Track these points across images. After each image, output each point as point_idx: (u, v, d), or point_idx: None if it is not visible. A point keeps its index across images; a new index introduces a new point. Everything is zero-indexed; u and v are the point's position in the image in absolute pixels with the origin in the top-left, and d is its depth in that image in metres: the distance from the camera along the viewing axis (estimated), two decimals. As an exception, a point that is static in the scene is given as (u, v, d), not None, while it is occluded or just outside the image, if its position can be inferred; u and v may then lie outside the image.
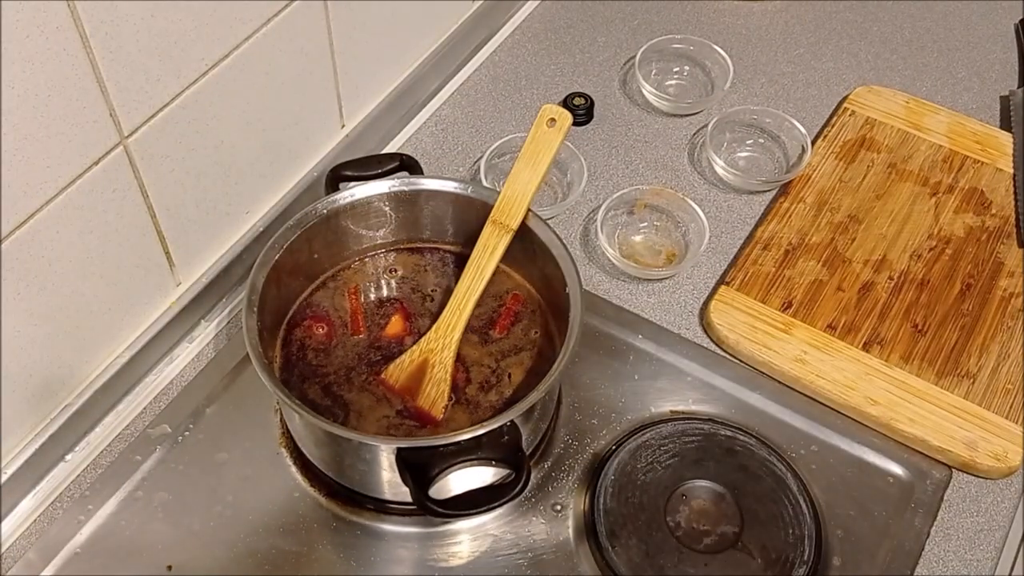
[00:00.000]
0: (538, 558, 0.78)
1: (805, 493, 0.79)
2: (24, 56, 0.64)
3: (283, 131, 0.91)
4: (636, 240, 0.98)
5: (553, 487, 0.81)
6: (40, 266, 0.73)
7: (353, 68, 0.97)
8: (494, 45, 1.17)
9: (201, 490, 0.81)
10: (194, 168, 0.83)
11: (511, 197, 0.81)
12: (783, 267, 0.94)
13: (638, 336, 0.90)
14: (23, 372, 0.76)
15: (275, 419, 0.84)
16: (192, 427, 0.84)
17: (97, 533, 0.78)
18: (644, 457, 0.81)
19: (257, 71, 0.84)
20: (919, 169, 1.03)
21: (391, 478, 0.72)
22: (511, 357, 0.83)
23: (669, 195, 0.98)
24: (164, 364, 0.88)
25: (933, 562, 0.79)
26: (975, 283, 0.93)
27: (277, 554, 0.78)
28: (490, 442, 0.70)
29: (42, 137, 0.68)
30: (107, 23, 0.68)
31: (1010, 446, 0.82)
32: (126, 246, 0.80)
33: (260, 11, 0.82)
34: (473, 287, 0.81)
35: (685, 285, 0.95)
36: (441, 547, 0.79)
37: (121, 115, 0.73)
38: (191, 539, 0.78)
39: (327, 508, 0.80)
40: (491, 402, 0.80)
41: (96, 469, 0.82)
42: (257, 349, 0.74)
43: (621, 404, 0.86)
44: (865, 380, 0.86)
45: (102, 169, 0.74)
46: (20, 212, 0.69)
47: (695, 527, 0.77)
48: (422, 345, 0.81)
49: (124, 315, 0.83)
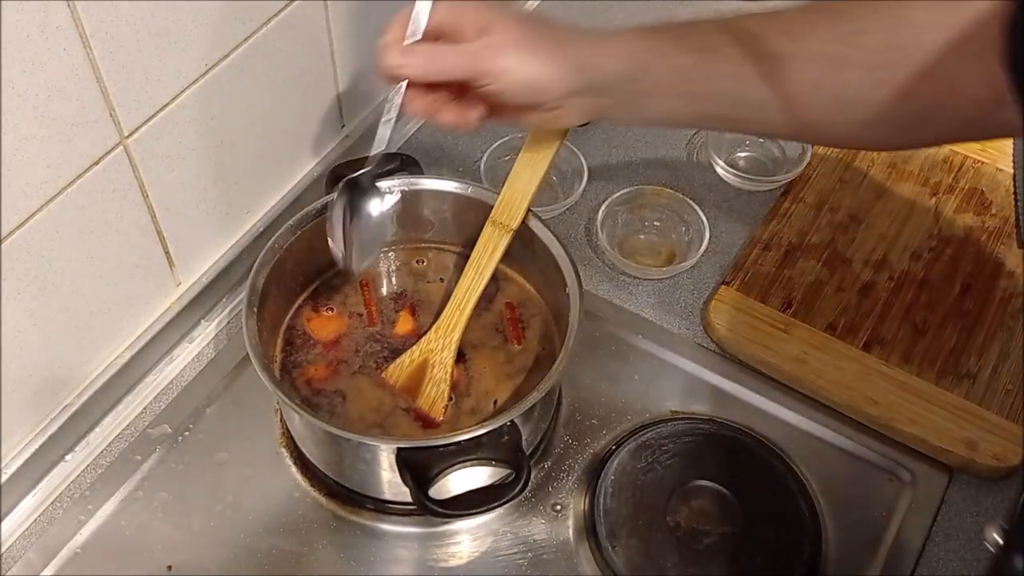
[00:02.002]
0: (538, 558, 0.78)
1: (805, 493, 0.79)
2: (24, 56, 0.64)
3: (283, 131, 0.91)
4: (636, 240, 0.98)
5: (553, 487, 0.81)
6: (40, 266, 0.73)
7: (353, 68, 0.96)
8: (494, 45, 1.17)
9: (201, 490, 0.81)
10: (194, 168, 0.83)
11: (511, 197, 0.81)
12: (783, 267, 0.94)
13: (638, 336, 0.90)
14: (23, 372, 0.76)
15: (275, 419, 0.84)
16: (192, 427, 0.84)
17: (97, 533, 0.78)
18: (644, 457, 0.81)
19: (257, 71, 0.84)
20: (919, 169, 1.03)
21: (391, 478, 0.72)
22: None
23: (669, 195, 0.98)
24: (164, 364, 0.88)
25: (933, 562, 0.79)
26: (975, 283, 0.93)
27: (277, 554, 0.78)
28: (490, 442, 0.70)
29: (42, 137, 0.68)
30: (107, 23, 0.68)
31: (1010, 446, 0.82)
32: (126, 246, 0.80)
33: (260, 11, 0.82)
34: (473, 287, 0.81)
35: (685, 285, 0.95)
36: (441, 547, 0.79)
37: (121, 115, 0.73)
38: (191, 539, 0.78)
39: (327, 508, 0.80)
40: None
41: (96, 469, 0.82)
42: (257, 349, 0.75)
43: (621, 404, 0.86)
44: (865, 380, 0.86)
45: (102, 169, 0.74)
46: (20, 212, 0.69)
47: (695, 527, 0.77)
48: (422, 345, 0.81)
49: (124, 315, 0.83)
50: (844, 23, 0.65)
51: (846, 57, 0.65)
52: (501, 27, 0.68)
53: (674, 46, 0.69)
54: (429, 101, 0.71)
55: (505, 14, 0.69)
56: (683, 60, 0.69)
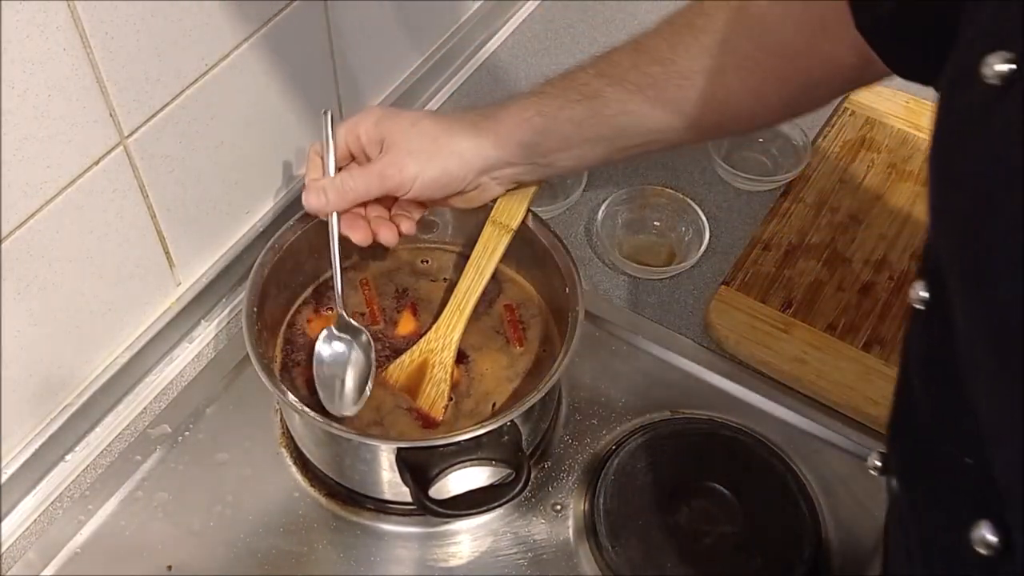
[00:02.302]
0: (538, 558, 0.78)
1: (805, 493, 0.79)
2: (24, 56, 0.64)
3: (283, 131, 0.91)
4: (636, 240, 0.98)
5: (553, 487, 0.81)
6: (40, 266, 0.73)
7: (353, 68, 0.97)
8: (494, 45, 1.17)
9: (201, 490, 0.81)
10: (194, 168, 0.83)
11: (511, 197, 0.81)
12: (783, 267, 0.94)
13: (638, 336, 0.90)
14: (23, 372, 0.76)
15: (275, 419, 0.84)
16: (192, 427, 0.84)
17: (97, 533, 0.78)
18: (644, 457, 0.81)
19: (257, 71, 0.84)
20: (919, 169, 1.03)
21: (391, 478, 0.72)
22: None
23: (669, 195, 0.98)
24: (164, 364, 0.88)
25: (933, 562, 0.78)
26: (975, 283, 0.93)
27: (277, 554, 0.78)
28: (490, 442, 0.70)
29: (42, 137, 0.68)
30: (107, 23, 0.68)
31: (1010, 446, 0.82)
32: (126, 246, 0.80)
33: (260, 11, 0.82)
34: (473, 287, 0.81)
35: (685, 285, 0.95)
36: (441, 547, 0.79)
37: (121, 115, 0.73)
38: (191, 539, 0.78)
39: (327, 508, 0.80)
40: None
41: (96, 469, 0.82)
42: (257, 349, 0.75)
43: (621, 404, 0.86)
44: (865, 380, 0.86)
45: (102, 169, 0.74)
46: (20, 212, 0.69)
47: (695, 527, 0.77)
48: (422, 345, 0.81)
49: (124, 315, 0.83)
50: (706, 36, 0.70)
51: (719, 67, 0.70)
52: (397, 139, 0.74)
53: (562, 102, 0.73)
54: (364, 225, 0.77)
55: (397, 122, 0.75)
56: (574, 113, 0.73)
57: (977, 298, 0.42)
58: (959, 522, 0.46)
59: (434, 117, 0.76)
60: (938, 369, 0.50)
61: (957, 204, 0.44)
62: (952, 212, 0.45)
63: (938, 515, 0.50)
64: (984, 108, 0.42)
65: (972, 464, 0.46)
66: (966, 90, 0.43)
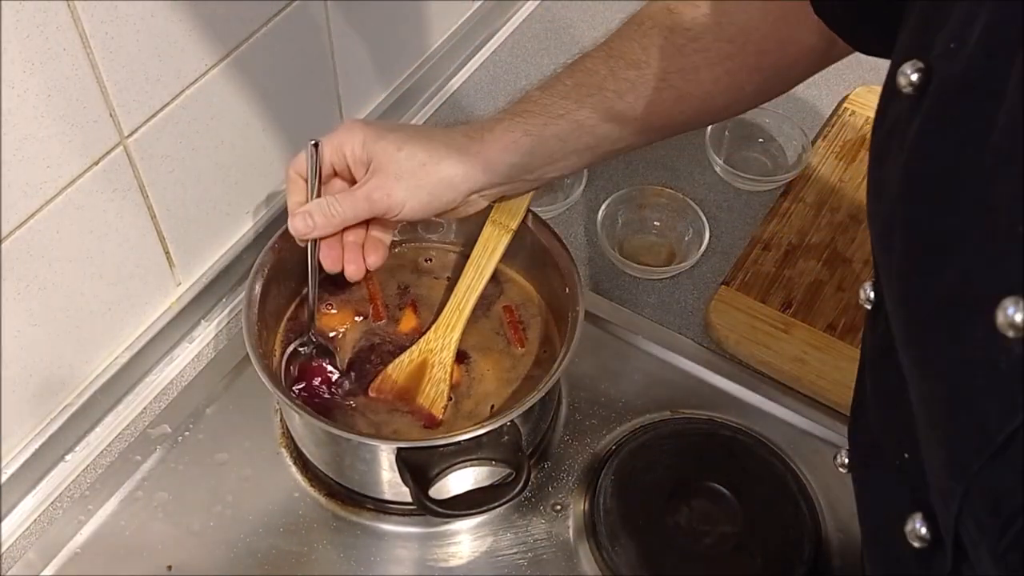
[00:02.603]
0: (538, 558, 0.78)
1: (805, 493, 0.79)
2: (24, 56, 0.64)
3: (283, 131, 0.91)
4: (636, 240, 0.98)
5: (553, 487, 0.81)
6: (40, 266, 0.73)
7: (353, 68, 0.97)
8: (494, 45, 1.17)
9: (201, 490, 0.81)
10: (194, 168, 0.83)
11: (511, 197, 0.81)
12: (783, 267, 0.94)
13: (638, 336, 0.90)
14: (23, 372, 0.76)
15: (275, 419, 0.84)
16: (192, 427, 0.84)
17: (97, 533, 0.78)
18: (644, 457, 0.81)
19: (257, 71, 0.84)
20: (919, 169, 1.03)
21: (391, 478, 0.72)
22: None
23: (669, 195, 0.98)
24: (164, 364, 0.88)
25: (933, 562, 0.78)
26: (975, 283, 0.93)
27: (277, 554, 0.78)
28: (490, 442, 0.70)
29: (42, 137, 0.68)
30: (107, 23, 0.68)
31: (1010, 446, 0.82)
32: (126, 246, 0.80)
33: (260, 11, 0.82)
34: (473, 287, 0.81)
35: (685, 285, 0.95)
36: (441, 547, 0.79)
37: (121, 115, 0.73)
38: (191, 539, 0.78)
39: (327, 508, 0.80)
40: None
41: (96, 469, 0.82)
42: (257, 349, 0.75)
43: (621, 404, 0.86)
44: (865, 380, 0.86)
45: (102, 169, 0.74)
46: (20, 212, 0.69)
47: (695, 527, 0.77)
48: (421, 345, 0.81)
49: (124, 315, 0.83)
50: (677, 36, 0.71)
51: (693, 65, 0.71)
52: (384, 162, 0.73)
53: (545, 119, 0.73)
54: (339, 252, 0.76)
55: (382, 145, 0.73)
56: (559, 129, 0.73)
57: (893, 297, 0.45)
58: (896, 516, 0.47)
59: (420, 139, 0.74)
60: (880, 367, 0.52)
61: (877, 210, 0.47)
62: (875, 217, 0.48)
63: (880, 509, 0.52)
64: (903, 119, 0.44)
65: (908, 459, 0.47)
66: (891, 100, 0.46)
